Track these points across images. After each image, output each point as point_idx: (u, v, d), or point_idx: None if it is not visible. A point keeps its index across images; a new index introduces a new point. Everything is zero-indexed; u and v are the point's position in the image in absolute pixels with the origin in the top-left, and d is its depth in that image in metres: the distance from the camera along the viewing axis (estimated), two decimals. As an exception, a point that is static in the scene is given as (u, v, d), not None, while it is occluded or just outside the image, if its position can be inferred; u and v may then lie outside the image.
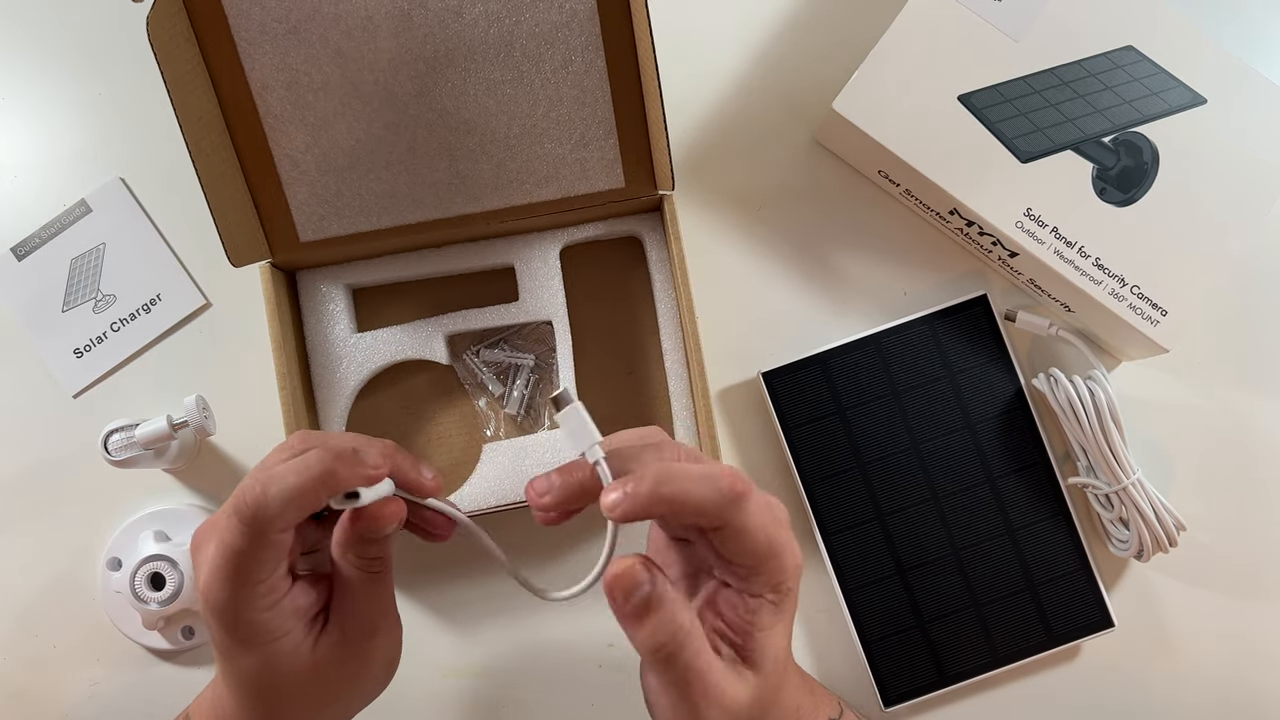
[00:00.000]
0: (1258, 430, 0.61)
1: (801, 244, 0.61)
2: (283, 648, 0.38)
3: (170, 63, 0.48)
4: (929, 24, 0.57)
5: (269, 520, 0.35)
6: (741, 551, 0.36)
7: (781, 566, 0.37)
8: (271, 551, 0.36)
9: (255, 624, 0.37)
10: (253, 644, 0.37)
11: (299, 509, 0.35)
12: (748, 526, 0.35)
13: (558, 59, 0.53)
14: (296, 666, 0.38)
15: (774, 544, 0.36)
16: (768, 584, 0.37)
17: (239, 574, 0.36)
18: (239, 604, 0.36)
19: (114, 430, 0.55)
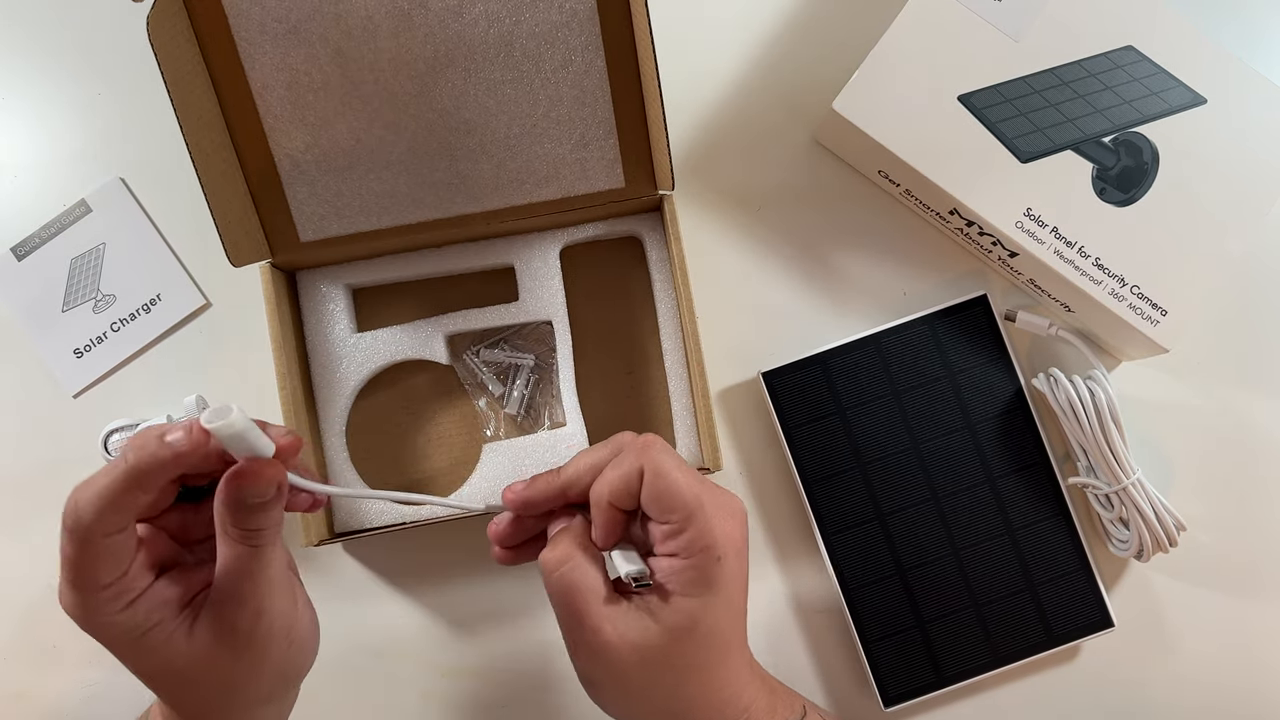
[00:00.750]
0: (1258, 430, 0.61)
1: (801, 244, 0.61)
2: (153, 641, 0.37)
3: (170, 63, 0.48)
4: (929, 24, 0.57)
5: (87, 527, 0.34)
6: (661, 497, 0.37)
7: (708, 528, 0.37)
8: (106, 556, 0.35)
9: (114, 624, 0.36)
10: (120, 642, 0.37)
11: (116, 509, 0.34)
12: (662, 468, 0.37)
13: (558, 59, 0.53)
14: (175, 656, 0.37)
15: (700, 497, 0.37)
16: (692, 545, 0.37)
17: (80, 581, 0.35)
18: (89, 609, 0.36)
19: (114, 430, 0.55)
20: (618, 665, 0.38)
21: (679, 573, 0.38)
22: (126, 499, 0.35)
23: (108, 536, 0.35)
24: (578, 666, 0.40)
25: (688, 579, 0.37)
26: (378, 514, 0.57)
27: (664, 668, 0.38)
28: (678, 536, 0.37)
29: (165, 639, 0.37)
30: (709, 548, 0.37)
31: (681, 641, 0.38)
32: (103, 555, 0.35)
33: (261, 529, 0.37)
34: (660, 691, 0.39)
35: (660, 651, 0.37)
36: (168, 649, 0.37)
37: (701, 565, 0.37)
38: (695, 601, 0.38)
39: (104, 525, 0.35)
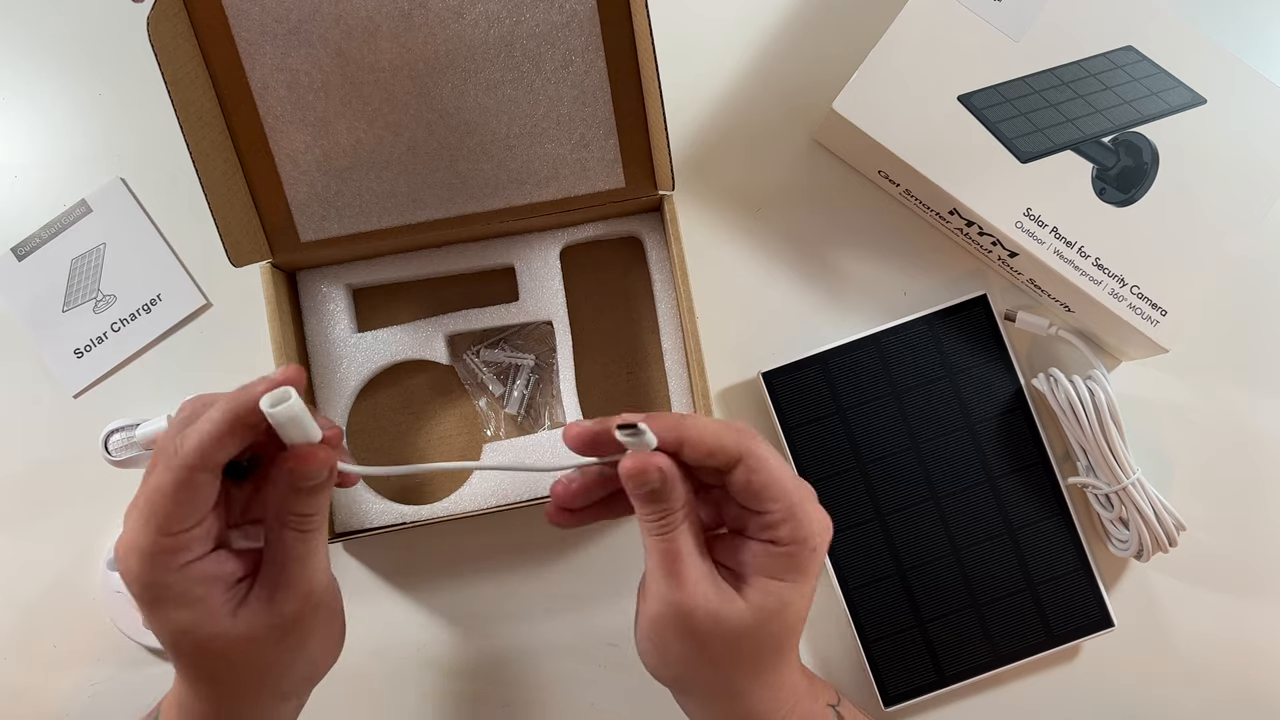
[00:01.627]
0: (1258, 430, 0.61)
1: (801, 244, 0.61)
2: (199, 615, 0.37)
3: (171, 63, 0.48)
4: (929, 24, 0.57)
5: (187, 457, 0.35)
6: (765, 487, 0.37)
7: (808, 520, 0.38)
8: (195, 495, 0.35)
9: (168, 584, 0.36)
10: (166, 604, 0.37)
11: (218, 443, 0.35)
12: (765, 460, 0.38)
13: (558, 59, 0.53)
14: (217, 634, 0.37)
15: (801, 492, 0.38)
16: (792, 536, 0.38)
17: (158, 520, 0.35)
18: (153, 555, 0.36)
19: (114, 430, 0.55)
20: (697, 633, 0.38)
21: (775, 558, 0.38)
22: (229, 434, 0.35)
23: (203, 472, 0.35)
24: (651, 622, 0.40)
25: (782, 565, 0.38)
26: (378, 514, 0.57)
27: (743, 645, 0.39)
28: (778, 526, 0.38)
29: (211, 614, 0.37)
30: (807, 539, 0.38)
31: (766, 623, 0.38)
32: (190, 493, 0.35)
33: (312, 514, 0.38)
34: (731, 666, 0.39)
35: (744, 628, 0.38)
36: (211, 625, 0.37)
37: (797, 554, 0.38)
38: (787, 586, 0.38)
39: (204, 459, 0.35)
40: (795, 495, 0.38)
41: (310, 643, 0.40)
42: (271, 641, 0.38)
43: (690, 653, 0.39)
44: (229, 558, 0.38)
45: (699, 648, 0.38)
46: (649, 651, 0.41)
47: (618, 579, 0.60)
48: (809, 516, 0.38)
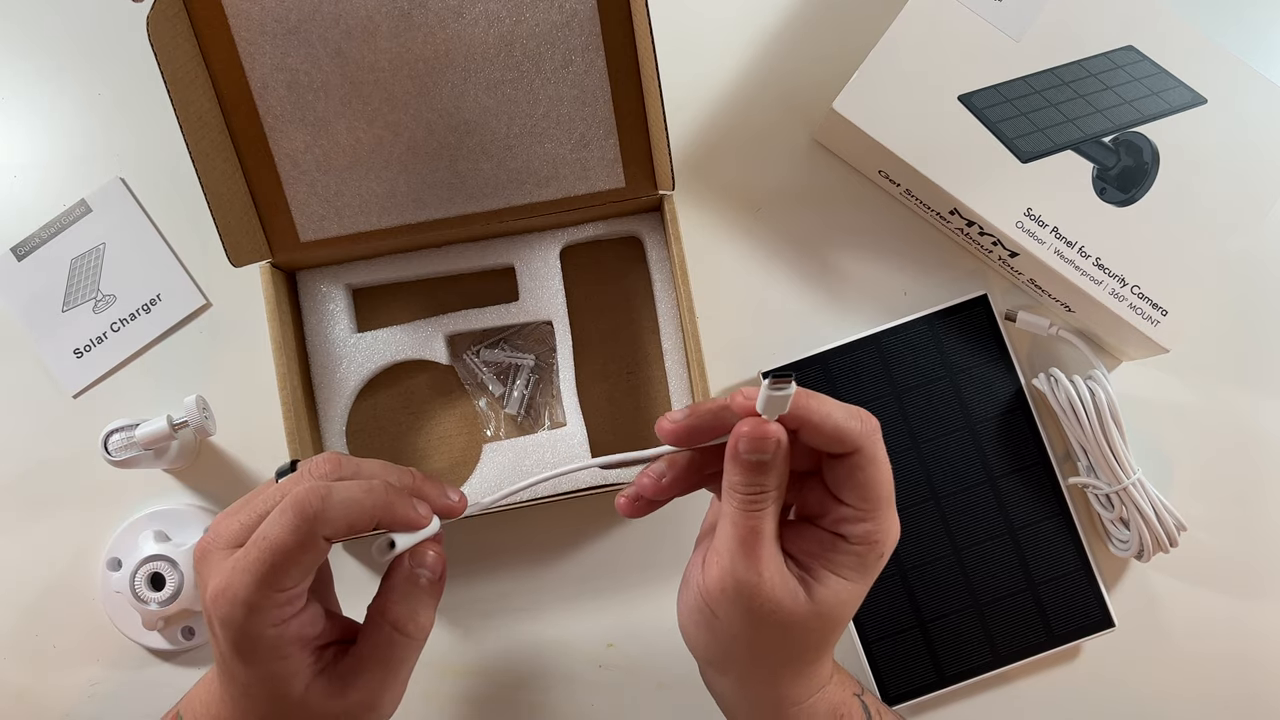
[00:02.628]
0: (1258, 430, 0.61)
1: (801, 244, 0.61)
2: (282, 671, 0.37)
3: (170, 62, 0.48)
4: (929, 24, 0.57)
5: (324, 525, 0.35)
6: (866, 484, 0.37)
7: (888, 526, 0.38)
8: (311, 556, 0.36)
9: (260, 638, 0.36)
10: (251, 659, 0.37)
11: (350, 526, 0.36)
12: (878, 458, 0.37)
13: (558, 59, 0.53)
14: (284, 694, 0.37)
15: (891, 498, 0.38)
16: (867, 537, 0.38)
17: (272, 572, 0.35)
18: (259, 609, 0.35)
19: (114, 430, 0.55)
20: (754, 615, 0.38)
21: (844, 554, 0.38)
22: (366, 525, 0.36)
23: (328, 540, 0.36)
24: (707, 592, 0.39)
25: (849, 564, 0.38)
26: None
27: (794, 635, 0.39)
28: (858, 524, 0.38)
29: (288, 675, 0.37)
30: (879, 543, 0.38)
31: (821, 617, 0.38)
32: (310, 555, 0.36)
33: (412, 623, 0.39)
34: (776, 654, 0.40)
35: (799, 621, 0.38)
36: (284, 684, 0.37)
37: (866, 555, 0.38)
38: (847, 585, 0.38)
39: (337, 531, 0.35)
40: (888, 500, 0.38)
41: None
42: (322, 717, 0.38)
43: (741, 631, 0.39)
44: (318, 618, 0.38)
45: (752, 629, 0.38)
46: (698, 624, 0.40)
47: (617, 579, 0.60)
48: (889, 522, 0.38)
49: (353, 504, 0.36)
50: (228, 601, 0.36)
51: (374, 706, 0.39)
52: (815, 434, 0.37)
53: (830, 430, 0.36)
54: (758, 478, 0.37)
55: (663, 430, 0.39)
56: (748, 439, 0.37)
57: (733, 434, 0.37)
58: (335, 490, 0.36)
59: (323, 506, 0.35)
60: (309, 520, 0.35)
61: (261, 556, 0.35)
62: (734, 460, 0.37)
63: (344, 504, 0.35)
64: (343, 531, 0.36)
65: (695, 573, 0.40)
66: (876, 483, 0.37)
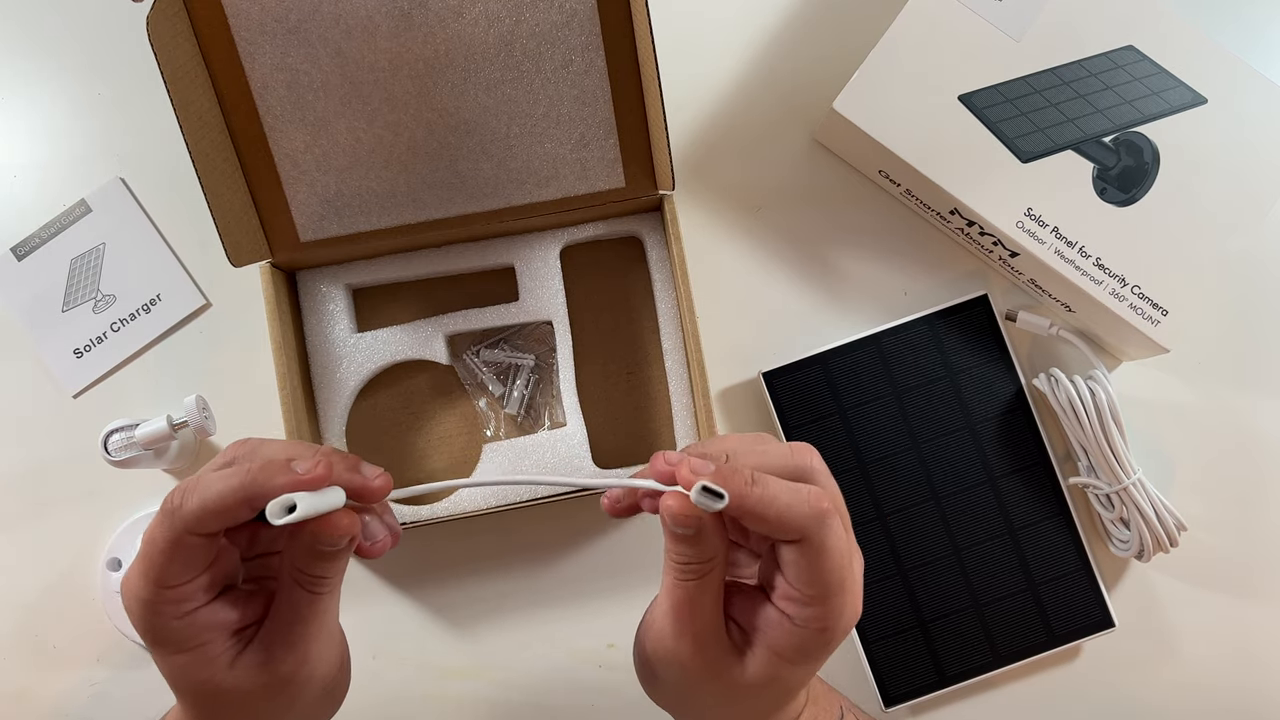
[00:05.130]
0: (1258, 430, 0.60)
1: (801, 244, 0.61)
2: (197, 660, 0.37)
3: (170, 62, 0.48)
4: (929, 24, 0.57)
5: (183, 522, 0.34)
6: (809, 573, 0.35)
7: (838, 611, 0.36)
8: (186, 556, 0.35)
9: (167, 629, 0.36)
10: (165, 648, 0.36)
11: (216, 516, 0.35)
12: (827, 546, 0.35)
13: (558, 59, 0.53)
14: (213, 680, 0.37)
15: (843, 584, 0.36)
16: (812, 622, 0.36)
17: (155, 572, 0.35)
18: (152, 604, 0.35)
19: (114, 430, 0.55)
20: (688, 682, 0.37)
21: (787, 636, 0.36)
22: (232, 511, 0.35)
23: (199, 538, 0.35)
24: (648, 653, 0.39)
25: (791, 644, 0.36)
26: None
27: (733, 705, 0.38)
28: (805, 607, 0.36)
29: (208, 661, 0.37)
30: (826, 629, 0.36)
31: (756, 693, 0.37)
32: (185, 554, 0.35)
33: (325, 577, 0.37)
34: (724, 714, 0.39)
35: (735, 694, 0.37)
36: (208, 671, 0.37)
37: (809, 641, 0.36)
38: (787, 666, 0.37)
39: (201, 525, 0.35)
40: (837, 587, 0.36)
41: (303, 702, 0.39)
42: (263, 698, 0.37)
43: (678, 694, 0.38)
44: (233, 605, 0.38)
45: (689, 692, 0.38)
46: (642, 676, 0.40)
47: (617, 579, 0.60)
48: (841, 612, 0.36)
49: (210, 491, 0.34)
50: (128, 598, 0.36)
51: (302, 664, 0.37)
52: (758, 522, 0.35)
53: (773, 518, 0.34)
54: (688, 549, 0.36)
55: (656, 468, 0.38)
56: (670, 513, 0.35)
57: (660, 506, 0.36)
58: (199, 483, 0.35)
59: (181, 502, 0.35)
60: (170, 516, 0.35)
61: (144, 556, 0.35)
62: (665, 529, 0.36)
63: (202, 494, 0.34)
64: (211, 521, 0.34)
65: (642, 629, 0.40)
66: (824, 571, 0.35)
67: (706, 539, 0.35)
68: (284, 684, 0.37)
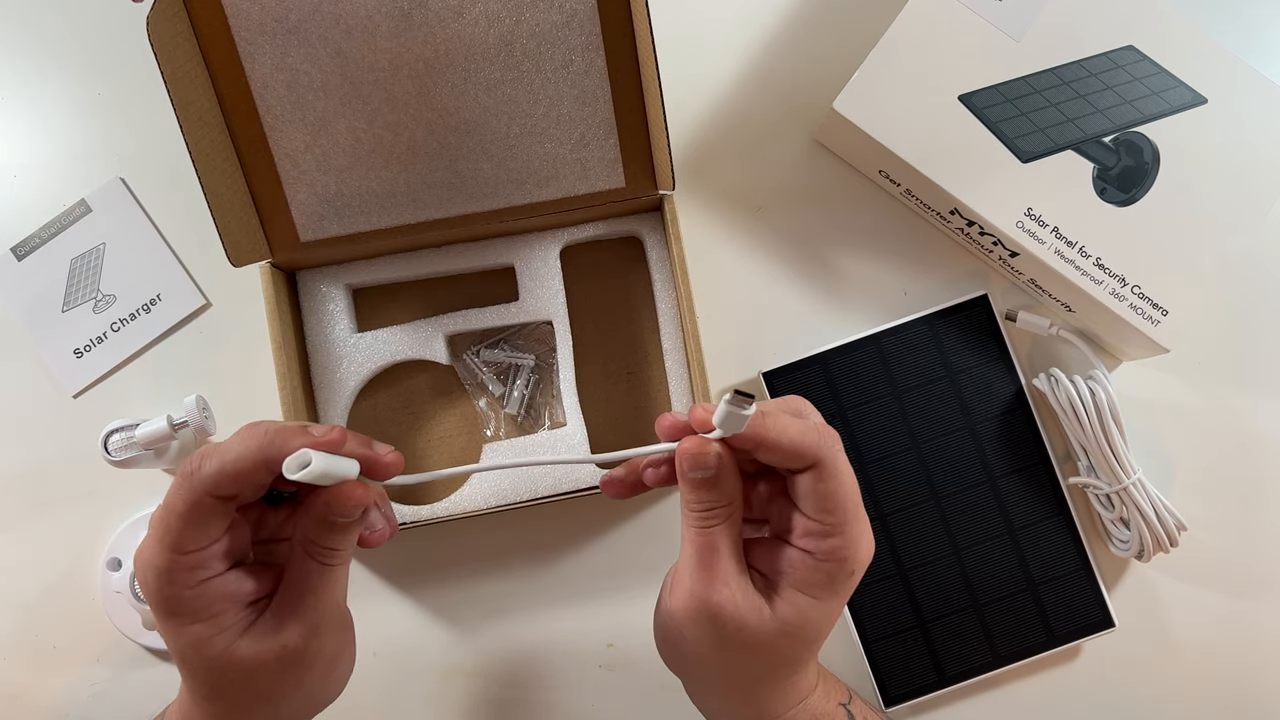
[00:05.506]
0: (1258, 430, 0.60)
1: (801, 244, 0.61)
2: (209, 631, 0.37)
3: (170, 62, 0.48)
4: (929, 24, 0.57)
5: (202, 483, 0.35)
6: (829, 497, 0.36)
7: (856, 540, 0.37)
8: (205, 518, 0.35)
9: (180, 599, 0.36)
10: (179, 618, 0.37)
11: (234, 479, 0.35)
12: (839, 470, 0.37)
13: (558, 59, 0.53)
14: (223, 652, 0.37)
15: (857, 511, 0.37)
16: (834, 553, 0.37)
17: (171, 538, 0.35)
18: (168, 572, 0.36)
19: (114, 430, 0.55)
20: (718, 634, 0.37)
21: (810, 571, 0.37)
22: (250, 473, 0.35)
23: (215, 500, 0.35)
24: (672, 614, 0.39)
25: (815, 580, 0.37)
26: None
27: (762, 654, 0.38)
28: (824, 539, 0.37)
29: (219, 632, 0.37)
30: (847, 560, 0.37)
31: (788, 636, 0.38)
32: (204, 516, 0.35)
33: (337, 549, 0.37)
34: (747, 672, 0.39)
35: (765, 640, 0.38)
36: (218, 643, 0.37)
37: (834, 573, 0.37)
38: (814, 604, 0.38)
39: (219, 488, 0.35)
40: (854, 513, 0.37)
41: (310, 675, 0.39)
42: (273, 669, 0.38)
43: (708, 650, 0.38)
44: (247, 577, 0.38)
45: (717, 647, 0.38)
46: (666, 642, 0.40)
47: (617, 579, 0.60)
48: (859, 538, 0.37)
49: (229, 453, 0.35)
50: (142, 567, 0.36)
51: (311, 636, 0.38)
52: (772, 450, 0.36)
53: (787, 445, 0.36)
54: (706, 494, 0.37)
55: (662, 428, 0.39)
56: (688, 456, 0.36)
57: (676, 453, 0.37)
58: (217, 448, 0.36)
59: (200, 464, 0.35)
60: (189, 479, 0.35)
61: (161, 522, 0.36)
62: (682, 478, 0.37)
63: (221, 456, 0.35)
64: (229, 484, 0.35)
65: (664, 594, 0.40)
66: (840, 495, 0.37)
67: (725, 479, 0.37)
68: (293, 655, 0.38)
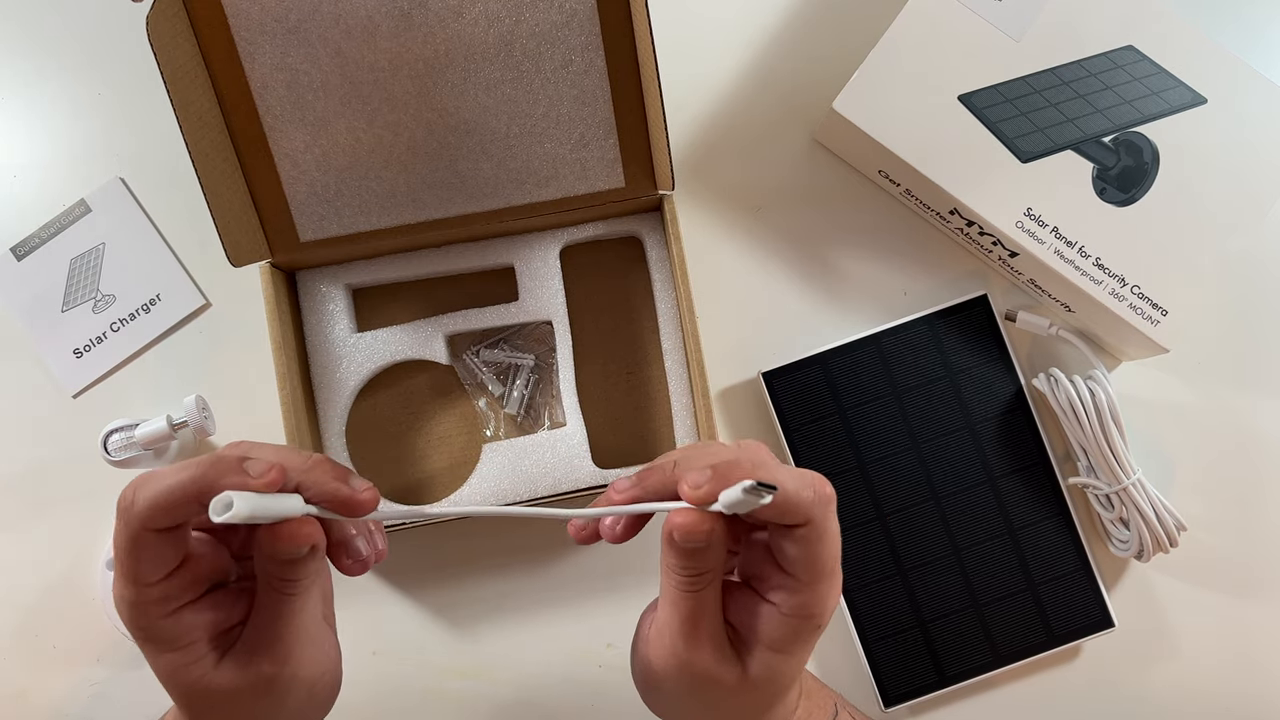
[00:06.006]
0: (1258, 430, 0.60)
1: (801, 244, 0.61)
2: (183, 660, 0.36)
3: (170, 62, 0.48)
4: (929, 24, 0.57)
5: (137, 519, 0.34)
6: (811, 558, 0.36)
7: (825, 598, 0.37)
8: (152, 552, 0.35)
9: (155, 629, 0.36)
10: (153, 645, 0.36)
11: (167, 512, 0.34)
12: (828, 531, 0.36)
13: (558, 59, 0.53)
14: (199, 681, 0.37)
15: (836, 569, 0.37)
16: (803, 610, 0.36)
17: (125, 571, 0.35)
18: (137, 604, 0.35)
19: (114, 430, 0.55)
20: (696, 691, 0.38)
21: (779, 628, 0.37)
22: (181, 506, 0.34)
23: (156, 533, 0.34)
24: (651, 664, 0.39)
25: (785, 636, 0.37)
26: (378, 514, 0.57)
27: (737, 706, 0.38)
28: (795, 595, 0.37)
29: (194, 661, 0.37)
30: (815, 616, 0.37)
31: (760, 690, 0.38)
32: (147, 550, 0.35)
33: (291, 579, 0.36)
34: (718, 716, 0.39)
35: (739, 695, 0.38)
36: (194, 672, 0.37)
37: (801, 629, 0.37)
38: (784, 659, 0.37)
39: (153, 521, 0.34)
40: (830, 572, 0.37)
41: (290, 700, 0.38)
42: (249, 698, 0.37)
43: (685, 701, 0.39)
44: (218, 605, 0.37)
45: (693, 700, 0.38)
46: (646, 685, 0.40)
47: (617, 579, 0.60)
48: (827, 594, 0.37)
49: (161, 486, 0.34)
50: (115, 600, 0.36)
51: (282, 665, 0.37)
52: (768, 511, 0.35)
53: (780, 503, 0.35)
54: (694, 562, 0.36)
55: (611, 500, 0.38)
56: (681, 530, 0.35)
57: (666, 522, 0.36)
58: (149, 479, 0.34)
59: (133, 499, 0.34)
60: (124, 514, 0.34)
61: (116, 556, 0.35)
62: (670, 545, 0.36)
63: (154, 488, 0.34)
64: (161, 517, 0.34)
65: (642, 640, 0.40)
66: (823, 557, 0.36)
67: (716, 548, 0.36)
68: (266, 684, 0.37)
